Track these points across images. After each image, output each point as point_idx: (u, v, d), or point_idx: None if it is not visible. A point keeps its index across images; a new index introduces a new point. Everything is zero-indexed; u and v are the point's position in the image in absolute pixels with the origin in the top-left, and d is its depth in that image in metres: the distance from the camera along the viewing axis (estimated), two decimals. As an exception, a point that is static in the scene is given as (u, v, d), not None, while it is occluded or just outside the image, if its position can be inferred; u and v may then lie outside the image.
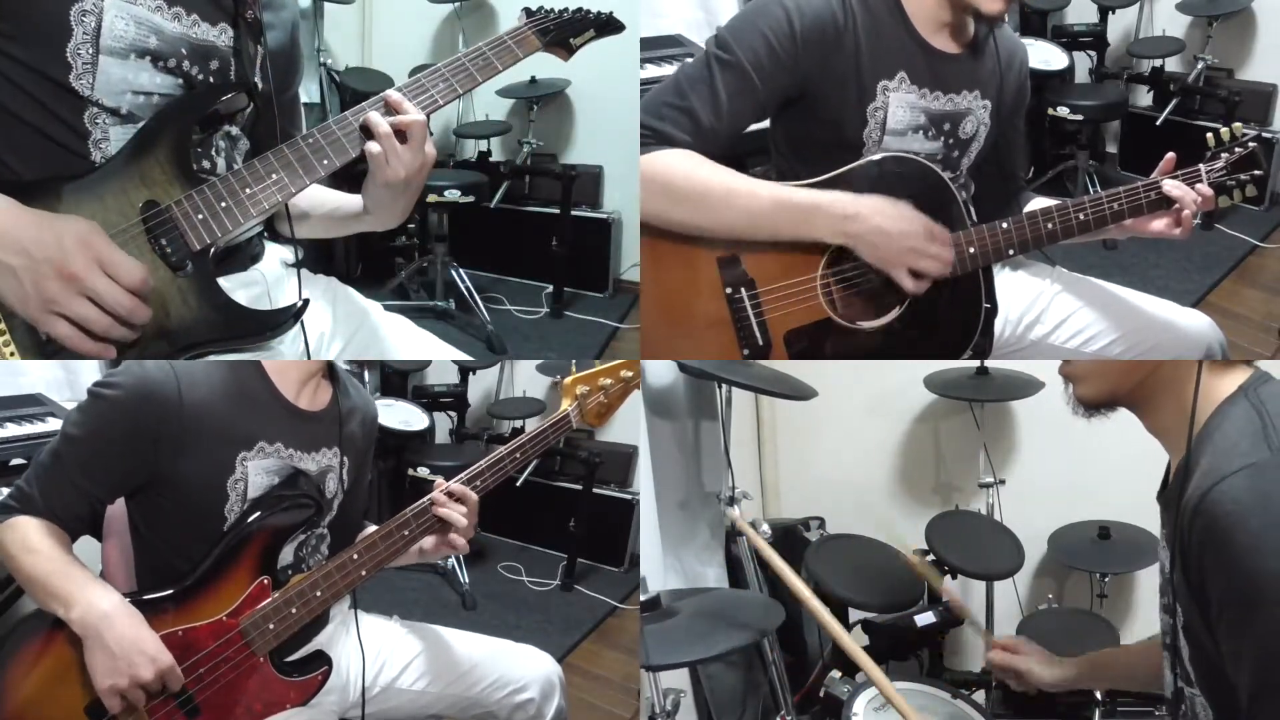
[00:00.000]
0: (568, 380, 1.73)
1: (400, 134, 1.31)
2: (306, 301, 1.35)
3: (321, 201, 1.52)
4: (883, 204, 1.52)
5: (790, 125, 1.65)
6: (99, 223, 1.19)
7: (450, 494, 1.53)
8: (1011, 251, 1.57)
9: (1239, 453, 1.10)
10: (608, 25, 1.51)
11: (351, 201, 1.49)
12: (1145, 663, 1.54)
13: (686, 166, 1.52)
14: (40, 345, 1.18)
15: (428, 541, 1.57)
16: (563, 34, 1.46)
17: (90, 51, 1.21)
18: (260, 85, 1.37)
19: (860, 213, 1.52)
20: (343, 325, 1.57)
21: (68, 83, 1.20)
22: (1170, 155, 1.57)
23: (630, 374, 1.77)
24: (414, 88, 1.35)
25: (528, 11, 1.47)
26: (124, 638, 1.29)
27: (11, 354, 1.16)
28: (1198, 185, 1.55)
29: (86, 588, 1.31)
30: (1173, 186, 1.54)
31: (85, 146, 1.24)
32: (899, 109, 1.59)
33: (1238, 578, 1.06)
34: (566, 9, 1.48)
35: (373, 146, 1.31)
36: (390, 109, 1.32)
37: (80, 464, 1.38)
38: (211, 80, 1.32)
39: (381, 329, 1.60)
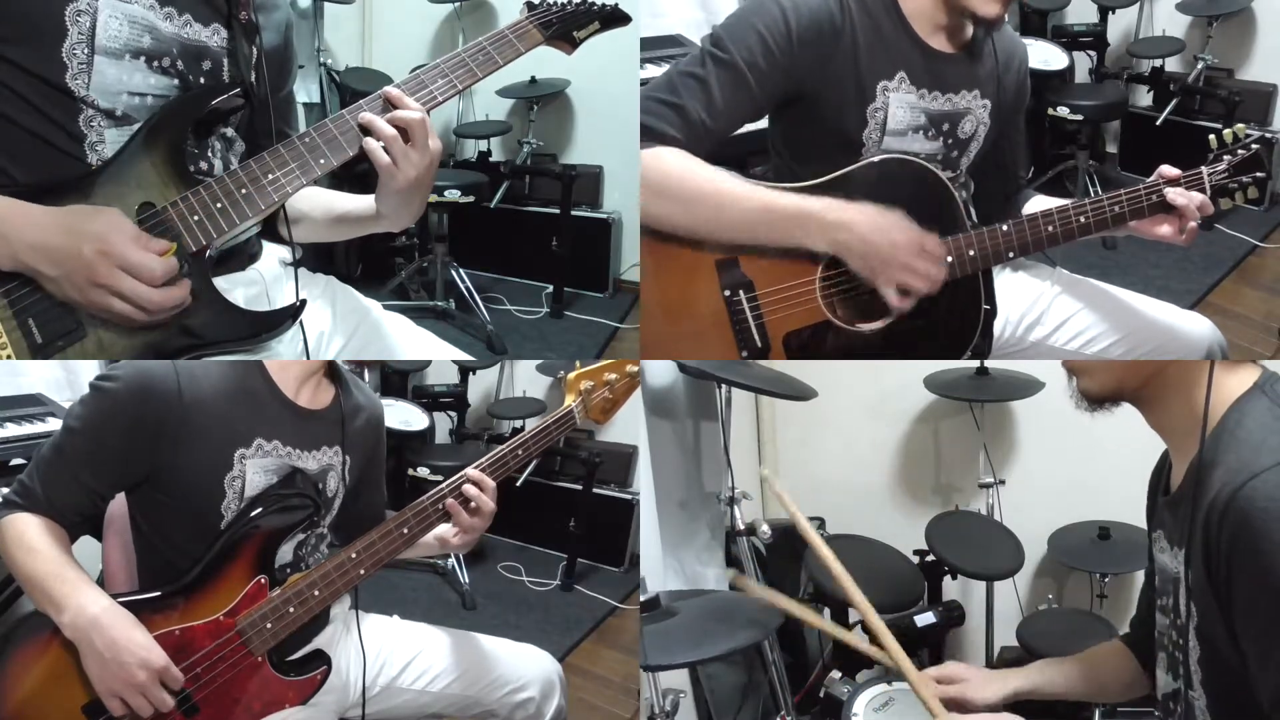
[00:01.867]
0: (571, 376, 1.70)
1: (402, 133, 1.30)
2: (304, 302, 1.35)
3: (324, 204, 1.51)
4: (874, 214, 1.49)
5: (789, 126, 1.65)
6: None
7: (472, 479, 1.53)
8: (1011, 254, 1.57)
9: (1269, 449, 1.09)
10: (613, 16, 1.47)
11: (361, 204, 1.47)
12: (1102, 672, 1.52)
13: (681, 167, 1.51)
14: (39, 346, 1.18)
15: (443, 529, 1.56)
16: (566, 27, 1.44)
17: (86, 51, 1.21)
18: (255, 86, 1.36)
19: (849, 221, 1.49)
20: (342, 324, 1.56)
21: (63, 83, 1.20)
22: (1175, 171, 1.56)
23: (635, 369, 1.75)
24: (413, 84, 1.33)
25: (529, 5, 1.44)
26: (114, 642, 1.29)
27: (8, 355, 1.16)
28: (1198, 194, 1.53)
29: (78, 592, 1.31)
30: (1176, 194, 1.53)
31: (81, 149, 1.23)
32: (899, 109, 1.59)
33: (1272, 576, 1.04)
34: (570, 1, 1.44)
35: (379, 154, 1.30)
36: (389, 105, 1.31)
37: (81, 457, 1.38)
38: (204, 81, 1.32)
39: (381, 328, 1.60)
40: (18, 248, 1.15)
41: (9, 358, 1.16)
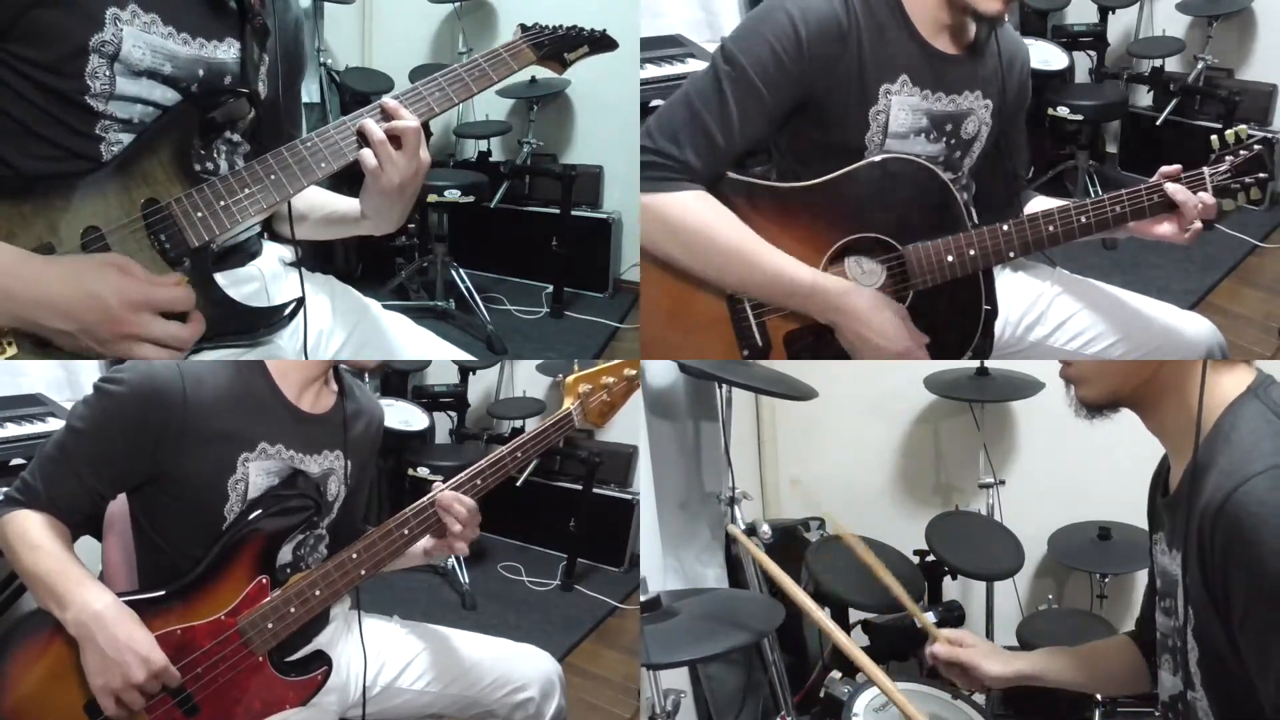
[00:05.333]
0: (570, 379, 1.71)
1: (395, 140, 1.33)
2: (302, 298, 1.36)
3: (319, 204, 1.52)
4: (876, 310, 1.53)
5: (792, 130, 1.64)
6: (101, 219, 1.20)
7: (442, 504, 1.52)
8: (1012, 254, 1.57)
9: (1261, 454, 1.09)
10: (601, 42, 1.53)
11: (348, 205, 1.49)
12: (1106, 664, 1.53)
13: (702, 219, 1.52)
14: (40, 346, 1.18)
15: (428, 541, 1.57)
16: (557, 48, 1.50)
17: (107, 74, 1.22)
18: (265, 92, 1.38)
19: (852, 309, 1.53)
20: (342, 323, 1.57)
21: (83, 101, 1.22)
22: (1176, 167, 1.56)
23: (634, 372, 1.76)
24: (410, 96, 1.37)
25: (523, 27, 1.49)
26: (115, 638, 1.29)
27: (12, 347, 1.16)
28: (1200, 194, 1.53)
29: (81, 587, 1.32)
30: (1176, 190, 1.53)
31: (96, 150, 1.24)
32: (901, 112, 1.59)
33: (1266, 580, 1.05)
34: (561, 25, 1.50)
35: (368, 156, 1.33)
36: (386, 115, 1.34)
37: (84, 457, 1.38)
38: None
39: (381, 327, 1.60)
40: (22, 303, 1.13)
41: (11, 357, 1.16)
